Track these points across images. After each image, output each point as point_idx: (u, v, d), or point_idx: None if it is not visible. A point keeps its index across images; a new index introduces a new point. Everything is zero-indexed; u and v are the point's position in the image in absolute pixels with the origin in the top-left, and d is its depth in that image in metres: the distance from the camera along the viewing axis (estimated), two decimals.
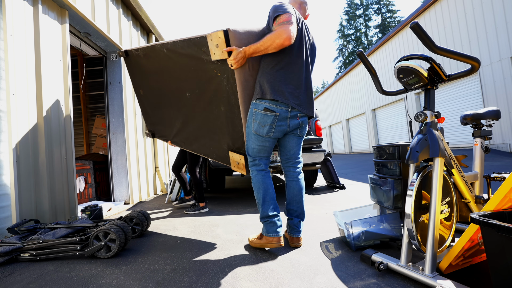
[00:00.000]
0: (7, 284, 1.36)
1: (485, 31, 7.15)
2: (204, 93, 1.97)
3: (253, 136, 1.67)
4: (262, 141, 1.67)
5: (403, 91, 1.53)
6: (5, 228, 1.98)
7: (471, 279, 1.18)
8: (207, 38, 1.65)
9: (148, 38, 4.74)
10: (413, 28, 1.14)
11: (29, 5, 2.30)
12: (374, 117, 13.86)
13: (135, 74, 2.62)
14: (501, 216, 1.01)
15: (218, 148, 2.13)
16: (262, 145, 1.68)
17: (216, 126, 2.03)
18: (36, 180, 2.24)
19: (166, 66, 2.17)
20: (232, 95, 1.75)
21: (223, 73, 1.72)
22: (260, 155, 1.71)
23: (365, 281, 1.22)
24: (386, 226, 1.62)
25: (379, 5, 31.11)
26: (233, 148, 1.98)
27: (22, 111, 2.16)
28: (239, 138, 1.89)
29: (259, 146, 1.68)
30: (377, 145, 1.80)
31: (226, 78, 1.72)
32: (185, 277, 1.35)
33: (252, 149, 1.70)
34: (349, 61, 34.05)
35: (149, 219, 2.21)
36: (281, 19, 1.52)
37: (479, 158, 1.72)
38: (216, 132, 2.06)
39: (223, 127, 1.98)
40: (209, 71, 1.81)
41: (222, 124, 1.97)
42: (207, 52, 1.72)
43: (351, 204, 2.89)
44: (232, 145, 1.97)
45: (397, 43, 11.05)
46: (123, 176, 3.80)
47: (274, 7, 1.58)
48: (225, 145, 2.04)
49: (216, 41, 1.60)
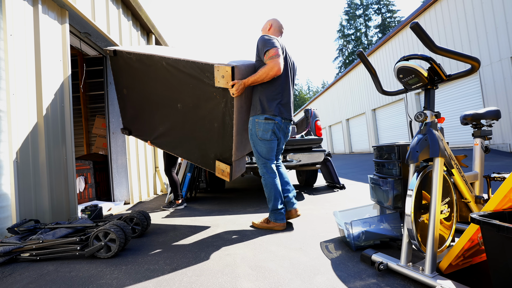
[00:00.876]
0: (7, 284, 1.36)
1: (485, 31, 7.14)
2: (199, 109, 2.22)
3: (260, 142, 2.11)
4: (269, 144, 2.11)
5: (403, 91, 1.53)
6: (5, 228, 1.98)
7: (471, 279, 1.18)
8: (215, 68, 1.94)
9: (148, 38, 4.74)
10: (413, 28, 1.14)
11: (29, 5, 2.30)
12: (374, 117, 13.85)
13: (121, 73, 2.71)
14: (501, 216, 1.01)
15: (204, 156, 2.41)
16: (269, 146, 2.12)
17: (206, 138, 2.30)
18: (36, 180, 2.24)
19: (162, 76, 2.32)
20: (228, 116, 2.07)
21: (222, 98, 2.03)
22: (269, 156, 2.15)
23: (365, 281, 1.22)
24: (386, 226, 1.62)
25: (379, 5, 31.12)
26: (220, 158, 2.28)
27: (22, 111, 2.16)
28: (228, 151, 2.21)
29: (267, 148, 2.12)
30: (377, 145, 1.80)
31: (225, 102, 2.03)
32: (185, 277, 1.35)
33: (262, 152, 2.13)
34: (349, 61, 34.06)
35: (149, 219, 2.21)
36: (271, 53, 1.94)
37: (479, 158, 1.72)
38: (205, 143, 2.34)
39: (213, 140, 2.26)
40: (208, 92, 2.08)
41: (212, 137, 2.25)
42: (210, 77, 2.00)
43: (351, 204, 2.89)
44: (220, 155, 2.28)
45: (397, 43, 11.05)
46: (123, 176, 3.80)
47: (263, 41, 2.00)
48: (212, 155, 2.33)
49: (223, 73, 1.91)
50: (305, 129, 4.09)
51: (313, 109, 3.99)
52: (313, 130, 3.83)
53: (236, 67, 1.91)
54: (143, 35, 4.54)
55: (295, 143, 3.37)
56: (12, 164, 2.03)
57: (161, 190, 4.89)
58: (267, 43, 1.97)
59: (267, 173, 2.14)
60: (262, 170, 2.16)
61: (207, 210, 3.05)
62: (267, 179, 2.13)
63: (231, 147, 2.16)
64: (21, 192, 2.09)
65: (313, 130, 3.83)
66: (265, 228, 2.14)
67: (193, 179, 3.92)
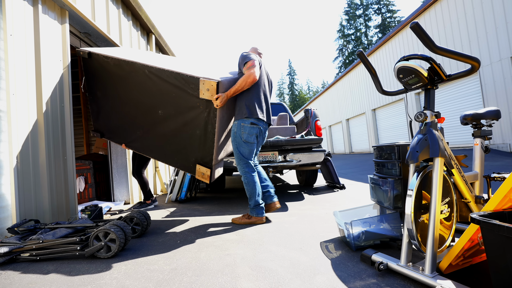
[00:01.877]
0: (7, 284, 1.36)
1: (485, 31, 7.14)
2: (181, 116, 2.34)
3: (243, 144, 2.34)
4: (251, 146, 2.36)
5: (403, 91, 1.53)
6: (5, 228, 1.98)
7: (471, 279, 1.18)
8: (200, 82, 2.10)
9: (148, 38, 4.74)
10: (413, 28, 1.14)
11: (29, 5, 2.30)
12: (374, 117, 13.85)
13: (95, 75, 2.74)
14: (501, 216, 1.01)
15: (185, 160, 2.54)
16: (251, 148, 2.37)
17: (187, 143, 2.44)
18: (36, 180, 2.24)
19: (143, 83, 2.38)
20: (210, 125, 2.24)
21: (205, 108, 2.20)
22: (250, 157, 2.38)
23: (365, 281, 1.22)
24: (386, 226, 1.62)
25: (379, 5, 31.10)
26: (201, 162, 2.45)
27: (22, 111, 2.16)
28: (209, 156, 2.38)
29: (249, 150, 2.36)
30: (377, 145, 1.80)
31: (207, 112, 2.20)
32: (185, 277, 1.35)
33: (245, 153, 2.36)
34: (349, 61, 34.04)
35: (149, 219, 2.21)
36: (248, 65, 2.27)
37: (479, 158, 1.72)
38: (186, 148, 2.47)
39: (195, 145, 2.41)
40: (192, 102, 2.23)
41: (194, 143, 2.40)
42: (194, 89, 2.16)
43: (351, 204, 2.89)
44: (201, 159, 2.44)
45: (397, 43, 11.05)
46: (123, 176, 3.80)
47: (242, 56, 2.33)
48: (192, 159, 2.48)
49: (208, 86, 2.09)
50: (305, 129, 4.09)
51: (313, 109, 3.99)
52: (313, 130, 3.83)
53: (221, 82, 2.12)
54: (143, 35, 4.54)
55: (295, 143, 3.38)
56: (12, 164, 2.03)
57: (161, 190, 4.89)
58: (246, 57, 2.31)
59: (249, 172, 2.34)
60: (245, 170, 2.35)
61: (207, 210, 3.05)
62: (249, 178, 2.34)
63: (212, 152, 2.34)
64: (21, 192, 2.09)
65: (313, 130, 3.83)
66: (247, 223, 2.31)
67: (193, 179, 3.92)
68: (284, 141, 3.33)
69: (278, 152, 3.36)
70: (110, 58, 2.47)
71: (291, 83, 49.27)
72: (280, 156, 3.35)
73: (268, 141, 3.32)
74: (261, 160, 3.33)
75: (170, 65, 2.38)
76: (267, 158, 3.34)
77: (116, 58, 2.42)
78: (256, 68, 2.26)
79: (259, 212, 2.32)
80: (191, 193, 3.92)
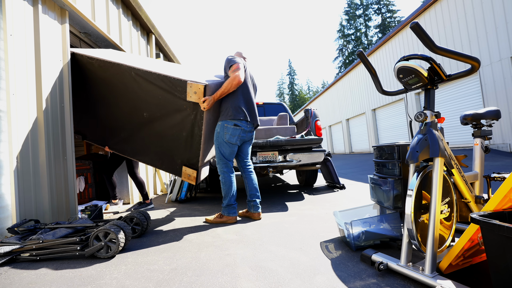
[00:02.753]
0: (7, 284, 1.36)
1: (485, 31, 7.14)
2: (167, 118, 2.37)
3: (225, 144, 2.37)
4: (232, 147, 2.40)
5: (403, 91, 1.53)
6: (5, 228, 1.98)
7: (471, 279, 1.18)
8: (187, 85, 2.12)
9: (148, 38, 4.74)
10: (413, 28, 1.14)
11: (29, 5, 2.30)
12: (374, 117, 13.85)
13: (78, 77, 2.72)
14: (501, 216, 1.01)
15: (171, 161, 2.55)
16: (232, 149, 2.42)
17: (173, 146, 2.46)
18: (36, 180, 2.24)
19: (129, 85, 2.38)
20: (197, 127, 2.27)
21: (192, 110, 2.22)
22: (231, 158, 2.43)
23: (365, 281, 1.22)
24: (386, 226, 1.62)
25: (379, 5, 31.09)
26: (187, 164, 2.47)
27: (22, 111, 2.16)
28: (195, 157, 2.41)
29: (230, 150, 2.41)
30: (377, 145, 1.80)
31: (194, 114, 2.23)
32: (185, 277, 1.35)
33: (226, 153, 2.40)
34: (349, 61, 34.04)
35: (149, 219, 2.21)
36: (233, 68, 2.32)
37: (479, 158, 1.72)
38: (172, 150, 2.49)
39: (181, 148, 2.43)
40: (178, 104, 2.25)
41: (180, 145, 2.42)
42: (181, 91, 2.17)
43: (351, 204, 2.89)
44: (187, 161, 2.47)
45: (397, 43, 11.05)
46: (123, 176, 3.80)
47: (228, 60, 2.37)
48: (178, 161, 2.50)
49: (195, 89, 2.12)
50: (305, 129, 4.09)
51: (313, 109, 3.99)
52: (313, 130, 3.83)
53: (208, 85, 2.15)
54: (143, 35, 4.54)
55: (295, 143, 3.38)
56: (12, 164, 2.03)
57: (161, 190, 4.89)
58: (231, 61, 2.36)
59: (227, 172, 2.41)
60: (223, 170, 2.41)
61: (207, 210, 3.05)
62: (226, 178, 2.40)
63: (198, 154, 2.37)
64: (21, 192, 2.09)
65: (313, 130, 3.83)
66: (219, 222, 2.39)
67: None
68: (284, 141, 3.33)
69: (278, 152, 3.36)
70: (95, 59, 2.46)
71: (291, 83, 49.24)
72: (280, 156, 3.35)
73: (268, 141, 3.32)
74: (261, 160, 3.33)
75: (156, 68, 2.37)
76: (267, 158, 3.34)
77: (101, 59, 2.41)
78: (241, 71, 2.32)
79: (230, 211, 2.39)
80: (191, 193, 3.92)
